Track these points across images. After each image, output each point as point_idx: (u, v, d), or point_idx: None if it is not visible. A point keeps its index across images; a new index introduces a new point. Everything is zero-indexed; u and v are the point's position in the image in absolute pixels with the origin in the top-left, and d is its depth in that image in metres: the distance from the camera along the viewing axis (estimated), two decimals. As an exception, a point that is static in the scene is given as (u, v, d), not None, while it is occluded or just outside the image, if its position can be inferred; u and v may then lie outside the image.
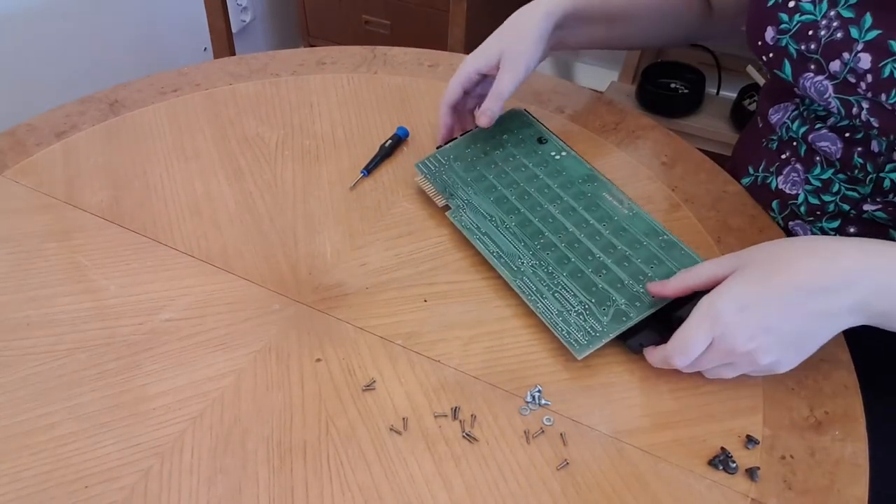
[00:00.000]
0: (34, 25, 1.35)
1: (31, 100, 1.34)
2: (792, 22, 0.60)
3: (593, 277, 0.59)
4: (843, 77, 0.57)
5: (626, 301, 0.57)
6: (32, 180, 0.71)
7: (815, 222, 0.65)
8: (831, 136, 0.62)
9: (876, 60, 0.54)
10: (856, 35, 0.56)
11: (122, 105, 0.80)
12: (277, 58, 0.86)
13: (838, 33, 0.57)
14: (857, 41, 0.56)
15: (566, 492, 0.50)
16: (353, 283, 0.62)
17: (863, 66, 0.55)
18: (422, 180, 0.69)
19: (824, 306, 0.48)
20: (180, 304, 0.61)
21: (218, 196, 0.70)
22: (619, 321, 0.56)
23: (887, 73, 0.54)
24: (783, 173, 0.67)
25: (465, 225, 0.64)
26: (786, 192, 0.66)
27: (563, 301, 0.58)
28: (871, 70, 0.55)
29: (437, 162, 0.70)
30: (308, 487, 0.50)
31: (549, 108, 0.80)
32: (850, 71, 0.56)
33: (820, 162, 0.63)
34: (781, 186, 0.67)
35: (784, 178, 0.67)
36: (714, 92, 1.72)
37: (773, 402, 0.54)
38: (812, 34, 0.59)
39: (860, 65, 0.55)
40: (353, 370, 0.56)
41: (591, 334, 0.56)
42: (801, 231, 0.66)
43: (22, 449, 0.51)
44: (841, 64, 0.57)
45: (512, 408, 0.54)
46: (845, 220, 0.62)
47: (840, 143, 0.61)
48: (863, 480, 0.50)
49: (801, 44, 0.59)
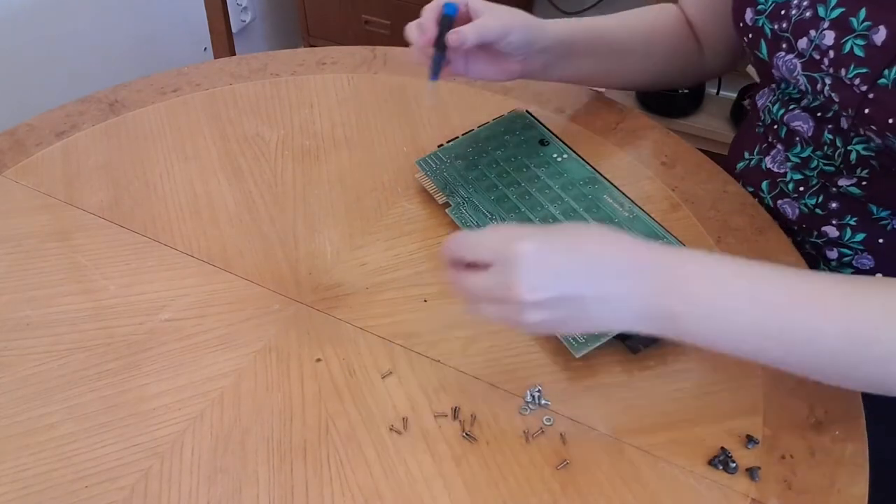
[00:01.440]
0: (34, 25, 1.35)
1: (31, 100, 1.34)
2: (767, 3, 0.62)
3: None
4: (809, 55, 0.59)
5: None
6: (32, 180, 0.71)
7: (800, 198, 0.66)
8: (804, 116, 0.64)
9: (838, 37, 0.56)
10: (822, 14, 0.58)
11: (122, 105, 0.80)
12: (277, 58, 0.86)
13: (807, 12, 0.59)
14: (823, 20, 0.58)
15: (566, 492, 0.49)
16: (352, 283, 0.62)
17: (826, 42, 0.57)
18: (422, 177, 0.69)
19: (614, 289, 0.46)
20: (180, 304, 0.61)
21: (218, 196, 0.70)
22: None
23: (847, 49, 0.56)
24: (770, 154, 0.69)
25: (465, 222, 0.64)
26: (774, 171, 0.69)
27: None
28: (834, 46, 0.57)
29: (438, 160, 0.70)
30: (308, 487, 0.50)
31: (549, 108, 0.80)
32: (815, 48, 0.59)
33: (799, 141, 0.66)
34: (770, 166, 0.69)
35: (771, 158, 0.69)
36: (714, 92, 1.72)
37: (773, 401, 0.54)
38: (784, 13, 0.61)
39: (824, 41, 0.58)
40: (353, 370, 0.56)
41: (589, 333, 0.55)
42: (789, 209, 0.67)
43: (22, 449, 0.51)
44: (808, 41, 0.59)
45: (512, 408, 0.54)
46: (826, 196, 0.65)
47: (812, 121, 0.63)
48: (863, 480, 0.50)
49: (775, 23, 0.62)
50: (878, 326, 0.44)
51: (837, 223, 0.64)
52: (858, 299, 0.46)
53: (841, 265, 0.66)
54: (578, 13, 1.89)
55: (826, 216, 0.65)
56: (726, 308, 0.46)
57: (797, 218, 0.67)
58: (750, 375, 0.56)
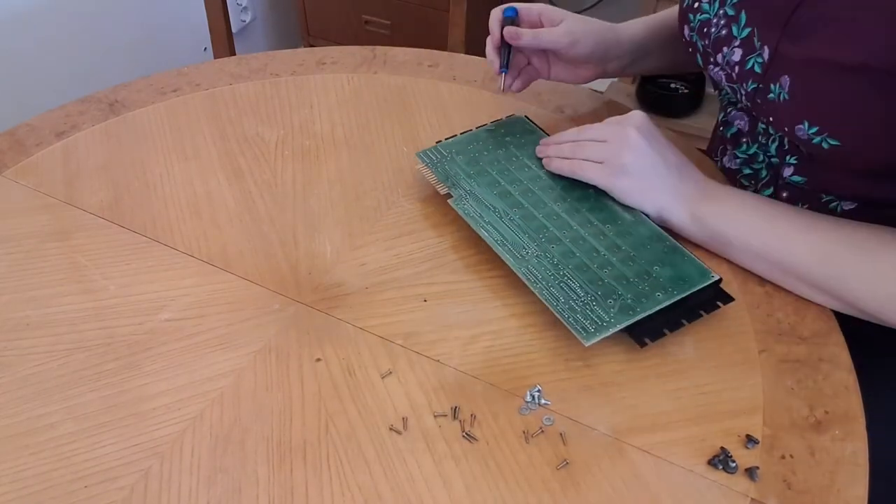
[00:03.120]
0: (34, 25, 1.35)
1: (31, 100, 1.34)
2: (695, 21, 0.68)
3: (599, 272, 0.59)
4: (725, 68, 0.65)
5: (633, 297, 0.57)
6: (32, 180, 0.71)
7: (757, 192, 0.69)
8: (740, 114, 0.70)
9: (745, 54, 0.63)
10: (735, 33, 0.64)
11: (122, 105, 0.80)
12: (277, 58, 0.86)
13: (723, 31, 0.65)
14: (735, 38, 0.64)
15: (566, 492, 0.50)
16: (352, 283, 0.62)
17: (734, 59, 0.64)
18: (423, 168, 0.69)
19: (679, 173, 0.63)
20: (180, 304, 0.61)
21: (218, 196, 0.70)
22: (626, 314, 0.56)
23: (749, 65, 0.62)
24: (727, 155, 0.73)
25: (468, 213, 0.64)
26: (731, 169, 0.73)
27: (568, 291, 0.58)
28: (739, 62, 0.63)
29: (439, 153, 0.70)
30: (308, 487, 0.50)
31: (549, 108, 0.80)
32: (727, 63, 0.65)
33: (745, 141, 0.70)
34: (727, 165, 0.74)
35: (728, 158, 0.73)
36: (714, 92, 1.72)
37: (773, 401, 0.54)
38: (706, 31, 0.67)
39: (733, 58, 0.64)
40: (353, 370, 0.56)
41: (598, 323, 0.55)
42: None
43: (22, 449, 0.51)
44: (722, 57, 0.65)
45: (512, 408, 0.54)
46: (776, 187, 0.68)
47: (747, 118, 0.69)
48: (863, 480, 0.50)
49: (702, 40, 0.68)
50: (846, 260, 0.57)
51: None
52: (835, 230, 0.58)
53: None
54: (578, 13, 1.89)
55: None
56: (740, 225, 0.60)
57: None
58: (750, 375, 0.56)
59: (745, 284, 0.62)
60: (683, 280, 0.58)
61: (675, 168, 0.63)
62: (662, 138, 0.64)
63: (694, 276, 0.58)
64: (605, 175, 0.63)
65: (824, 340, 0.58)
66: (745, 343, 0.58)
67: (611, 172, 0.63)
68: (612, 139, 0.64)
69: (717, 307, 0.58)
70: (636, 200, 0.63)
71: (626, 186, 0.63)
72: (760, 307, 0.61)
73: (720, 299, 0.58)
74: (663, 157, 0.63)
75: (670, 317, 0.57)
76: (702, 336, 0.59)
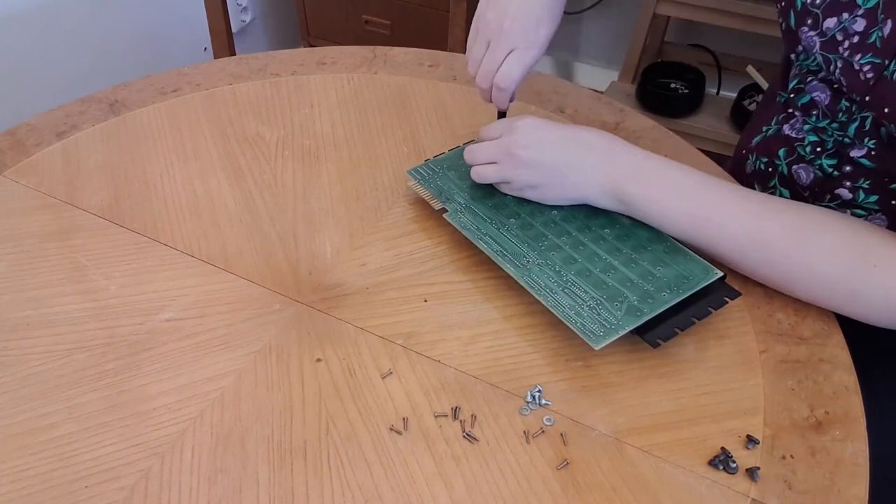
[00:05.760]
0: (34, 25, 1.35)
1: (31, 100, 1.34)
2: None
3: (602, 276, 0.59)
4: (831, 35, 0.61)
5: (639, 298, 0.57)
6: (32, 180, 0.71)
7: (816, 159, 0.67)
8: (821, 87, 0.66)
9: (868, 26, 0.59)
10: (860, 2, 0.59)
11: (122, 105, 0.80)
12: (277, 58, 0.86)
13: None
14: (859, 6, 0.59)
15: (566, 492, 0.50)
16: (353, 283, 0.62)
17: (856, 28, 0.59)
18: (415, 185, 0.68)
19: (589, 160, 0.60)
20: (180, 304, 0.61)
21: (218, 196, 0.70)
22: (633, 315, 0.56)
23: (872, 38, 0.58)
24: (789, 122, 0.70)
25: (464, 226, 0.64)
26: (792, 137, 0.70)
27: (573, 296, 0.57)
28: (862, 33, 0.59)
29: (430, 170, 0.69)
30: (308, 487, 0.50)
31: (549, 108, 0.80)
32: (843, 30, 0.60)
33: (816, 113, 0.68)
34: (788, 133, 0.70)
35: (790, 126, 0.70)
36: (714, 92, 1.72)
37: (774, 402, 0.54)
38: None
39: (854, 26, 0.59)
40: (353, 370, 0.56)
41: (606, 326, 0.55)
42: (804, 174, 0.68)
43: (22, 449, 0.51)
44: (837, 22, 0.61)
45: (512, 408, 0.54)
46: (841, 160, 0.66)
47: (829, 91, 0.66)
48: (863, 480, 0.50)
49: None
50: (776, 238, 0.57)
51: (851, 185, 0.65)
52: (770, 215, 0.57)
53: None
54: (578, 13, 1.90)
55: (840, 178, 0.65)
56: (668, 199, 0.59)
57: (810, 182, 0.68)
58: (750, 376, 0.56)
59: (745, 285, 0.62)
60: (687, 278, 0.58)
61: (580, 141, 0.61)
62: (566, 124, 0.63)
63: (697, 274, 0.58)
64: (500, 170, 0.62)
65: (825, 341, 0.58)
66: (745, 343, 0.58)
67: (510, 167, 0.61)
68: (504, 132, 0.62)
69: (726, 302, 0.58)
70: (554, 195, 0.62)
71: (533, 181, 0.61)
72: (761, 307, 0.61)
73: (726, 294, 0.58)
74: (574, 138, 0.60)
75: (679, 316, 0.57)
76: (702, 336, 0.59)
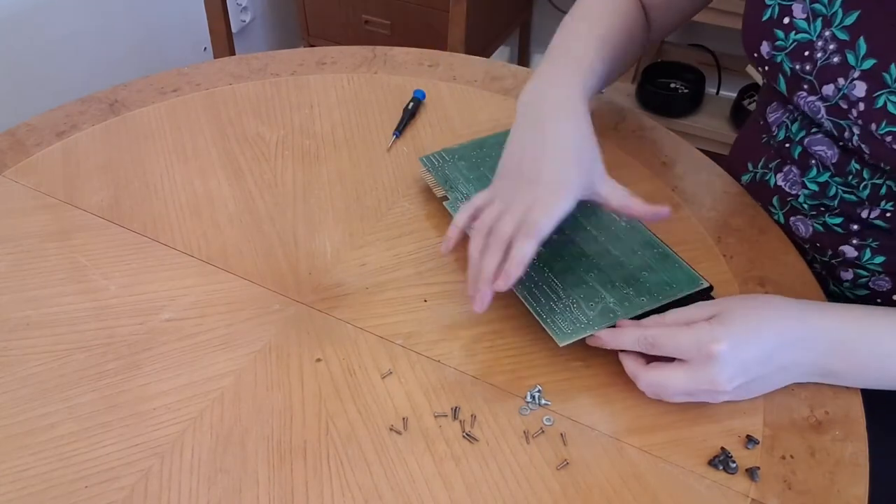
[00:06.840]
0: (34, 25, 1.35)
1: (31, 100, 1.34)
2: (788, 40, 0.59)
3: (584, 276, 0.59)
4: (835, 102, 0.57)
5: (615, 300, 0.57)
6: (32, 180, 0.71)
7: (819, 217, 0.64)
8: (827, 142, 0.61)
9: (871, 90, 0.54)
10: (852, 62, 0.55)
11: (122, 105, 0.80)
12: (277, 58, 0.86)
13: (835, 57, 0.56)
14: (853, 68, 0.55)
15: (566, 492, 0.49)
16: (352, 283, 0.62)
17: (857, 93, 0.55)
18: (424, 172, 0.70)
19: (790, 358, 0.52)
20: (180, 304, 0.61)
21: (218, 196, 0.70)
22: (605, 317, 0.56)
23: (880, 103, 0.54)
24: (782, 171, 0.66)
25: None
26: (785, 190, 0.66)
27: (550, 293, 0.58)
28: (865, 99, 0.55)
29: (441, 158, 0.71)
30: (308, 487, 0.50)
31: (549, 108, 0.80)
32: (843, 97, 0.56)
33: (815, 165, 0.63)
34: (780, 184, 0.66)
35: (783, 176, 0.66)
36: (714, 92, 1.72)
37: (774, 402, 0.54)
38: (808, 55, 0.58)
39: (854, 92, 0.55)
40: (353, 370, 0.56)
41: (575, 325, 0.56)
42: (802, 227, 0.65)
43: (22, 449, 0.51)
44: (835, 89, 0.57)
45: (512, 408, 0.54)
46: (848, 219, 0.62)
47: (836, 149, 0.61)
48: (863, 480, 0.50)
49: (797, 63, 0.59)
50: None
51: (857, 243, 0.62)
52: None
53: (855, 286, 0.64)
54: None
55: (846, 236, 0.62)
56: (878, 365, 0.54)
57: (810, 236, 0.65)
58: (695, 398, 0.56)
59: (745, 285, 0.62)
60: (670, 286, 0.58)
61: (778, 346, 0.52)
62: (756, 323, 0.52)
63: (682, 282, 0.58)
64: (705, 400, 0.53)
65: (824, 341, 0.58)
66: (745, 343, 0.58)
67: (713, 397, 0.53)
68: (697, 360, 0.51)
69: None
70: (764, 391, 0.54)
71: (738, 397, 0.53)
72: (760, 307, 0.60)
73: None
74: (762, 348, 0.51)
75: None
76: (702, 336, 0.58)
